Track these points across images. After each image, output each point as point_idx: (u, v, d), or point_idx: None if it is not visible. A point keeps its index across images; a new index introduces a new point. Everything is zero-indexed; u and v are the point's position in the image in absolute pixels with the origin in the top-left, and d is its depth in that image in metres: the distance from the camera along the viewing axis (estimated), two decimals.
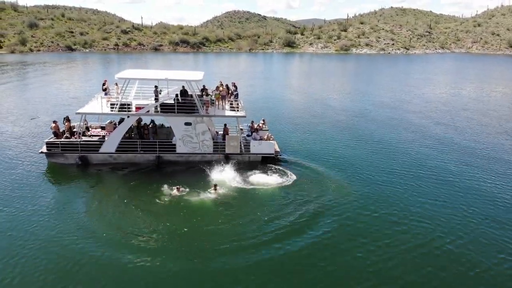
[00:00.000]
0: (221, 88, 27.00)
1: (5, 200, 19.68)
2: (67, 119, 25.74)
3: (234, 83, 28.29)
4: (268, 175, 23.32)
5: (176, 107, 24.43)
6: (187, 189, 21.15)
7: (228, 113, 25.91)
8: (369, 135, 33.07)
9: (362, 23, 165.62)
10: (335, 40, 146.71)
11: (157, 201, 19.98)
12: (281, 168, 24.71)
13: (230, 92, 27.40)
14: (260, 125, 27.94)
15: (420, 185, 22.75)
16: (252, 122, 27.25)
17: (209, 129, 25.44)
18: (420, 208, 19.81)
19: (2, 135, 30.58)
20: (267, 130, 27.88)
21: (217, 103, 26.47)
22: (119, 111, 24.29)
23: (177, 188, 20.96)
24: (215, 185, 21.23)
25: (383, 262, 15.40)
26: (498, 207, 20.21)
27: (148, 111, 24.60)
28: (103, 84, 26.80)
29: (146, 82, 27.09)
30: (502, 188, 22.63)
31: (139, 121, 25.96)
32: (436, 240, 17.02)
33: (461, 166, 26.06)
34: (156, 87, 25.04)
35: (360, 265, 15.22)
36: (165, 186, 21.40)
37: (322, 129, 34.82)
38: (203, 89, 26.46)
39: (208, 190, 21.07)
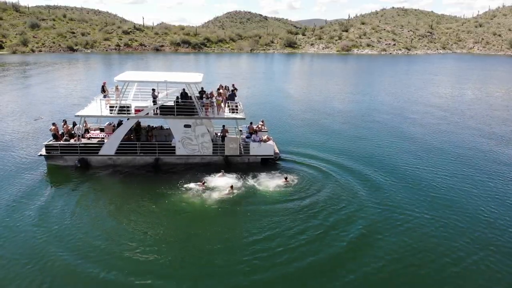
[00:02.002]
0: (221, 91, 26.98)
1: (4, 203, 19.67)
2: (65, 122, 25.76)
3: (233, 85, 28.27)
4: (267, 177, 23.30)
5: (175, 110, 24.44)
6: (212, 184, 21.82)
7: (228, 115, 25.89)
8: (370, 136, 33.00)
9: (363, 24, 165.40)
10: (336, 40, 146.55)
11: (157, 204, 19.97)
12: (281, 170, 24.69)
13: (226, 97, 27.36)
14: (259, 126, 27.91)
15: (420, 184, 22.75)
16: (251, 123, 27.23)
17: (208, 131, 25.44)
18: (423, 208, 19.80)
19: (1, 136, 30.62)
20: (266, 131, 27.84)
21: (216, 105, 26.45)
22: (118, 113, 24.31)
23: (202, 182, 21.63)
24: (231, 186, 21.46)
25: (389, 263, 15.50)
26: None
27: (147, 114, 24.61)
28: (102, 86, 26.78)
29: (145, 84, 27.08)
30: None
31: (137, 123, 25.98)
32: (435, 243, 17.01)
33: (463, 167, 26.02)
34: (153, 90, 25.03)
35: (367, 267, 15.26)
36: (190, 182, 22.04)
37: (322, 130, 34.75)
38: (201, 91, 26.45)
39: (224, 190, 21.21)
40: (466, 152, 29.39)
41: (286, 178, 22.80)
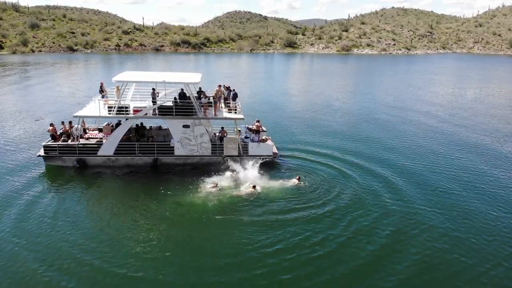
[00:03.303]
0: (217, 88, 26.99)
1: (3, 204, 19.63)
2: (63, 122, 25.71)
3: (229, 86, 28.31)
4: (267, 177, 23.24)
5: (174, 110, 24.42)
6: (224, 185, 21.71)
7: (226, 115, 25.87)
8: (370, 136, 32.96)
9: (363, 24, 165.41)
10: (336, 40, 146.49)
11: (156, 204, 19.93)
12: (279, 170, 24.65)
13: (224, 97, 27.34)
14: (256, 125, 27.82)
15: (421, 185, 22.65)
16: (257, 120, 27.24)
17: (207, 131, 25.41)
18: (423, 209, 19.72)
19: (1, 137, 30.58)
20: (265, 131, 27.77)
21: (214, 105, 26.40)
22: (117, 114, 24.28)
23: (214, 185, 21.52)
24: (254, 186, 21.50)
25: (391, 266, 15.30)
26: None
27: (146, 114, 24.59)
28: (100, 87, 26.77)
29: (143, 84, 27.05)
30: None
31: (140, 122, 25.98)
32: (440, 246, 16.92)
33: (466, 166, 25.97)
34: (153, 89, 25.02)
35: (367, 269, 15.12)
36: (202, 184, 21.96)
37: (322, 131, 34.70)
38: (200, 92, 26.42)
39: (246, 189, 21.25)
40: (477, 152, 29.36)
41: (298, 178, 22.77)
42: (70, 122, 25.80)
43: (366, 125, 37.08)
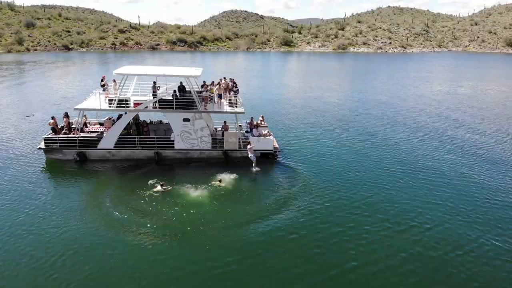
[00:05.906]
0: (223, 82, 27.02)
1: (3, 196, 19.59)
2: (65, 115, 25.64)
3: (233, 80, 28.29)
4: (266, 172, 23.25)
5: (174, 103, 24.38)
6: (170, 187, 20.87)
7: (227, 109, 25.86)
8: (367, 133, 33.10)
9: (359, 22, 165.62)
10: (332, 39, 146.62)
11: (155, 197, 19.92)
12: (279, 165, 24.69)
13: (229, 88, 27.37)
14: (259, 121, 27.92)
15: (418, 185, 22.62)
16: (252, 118, 27.20)
17: (207, 125, 25.39)
18: (419, 210, 19.78)
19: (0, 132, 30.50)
20: (266, 126, 27.84)
21: (216, 99, 26.41)
22: (117, 107, 24.23)
23: (161, 184, 20.90)
24: (220, 180, 21.41)
25: (382, 266, 15.11)
26: (496, 208, 20.08)
27: (146, 107, 24.54)
28: (102, 80, 26.74)
29: (144, 78, 27.00)
30: (499, 188, 22.58)
31: (136, 117, 25.91)
32: (434, 245, 16.94)
33: (458, 166, 26.04)
34: (154, 83, 24.99)
35: (359, 270, 14.92)
36: (150, 182, 21.38)
37: (321, 127, 34.85)
38: (203, 85, 26.42)
39: (213, 184, 21.12)
40: (462, 148, 29.61)
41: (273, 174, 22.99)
42: (65, 114, 25.77)
43: (365, 121, 37.30)
